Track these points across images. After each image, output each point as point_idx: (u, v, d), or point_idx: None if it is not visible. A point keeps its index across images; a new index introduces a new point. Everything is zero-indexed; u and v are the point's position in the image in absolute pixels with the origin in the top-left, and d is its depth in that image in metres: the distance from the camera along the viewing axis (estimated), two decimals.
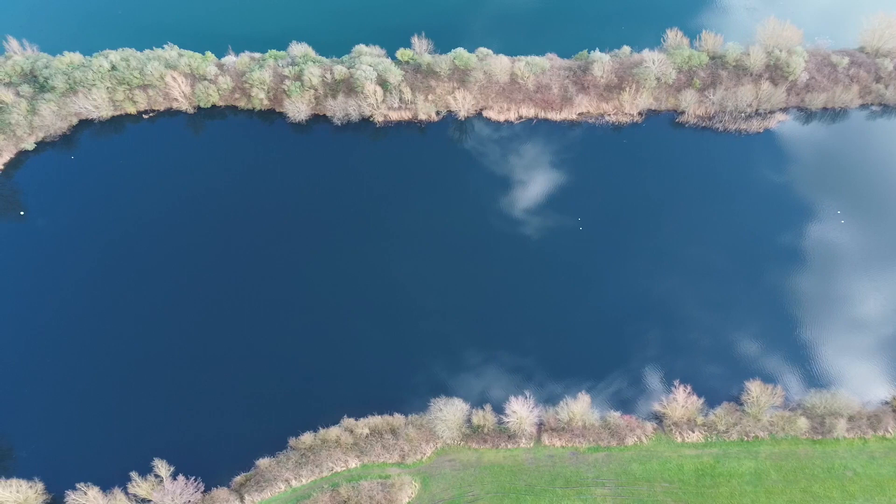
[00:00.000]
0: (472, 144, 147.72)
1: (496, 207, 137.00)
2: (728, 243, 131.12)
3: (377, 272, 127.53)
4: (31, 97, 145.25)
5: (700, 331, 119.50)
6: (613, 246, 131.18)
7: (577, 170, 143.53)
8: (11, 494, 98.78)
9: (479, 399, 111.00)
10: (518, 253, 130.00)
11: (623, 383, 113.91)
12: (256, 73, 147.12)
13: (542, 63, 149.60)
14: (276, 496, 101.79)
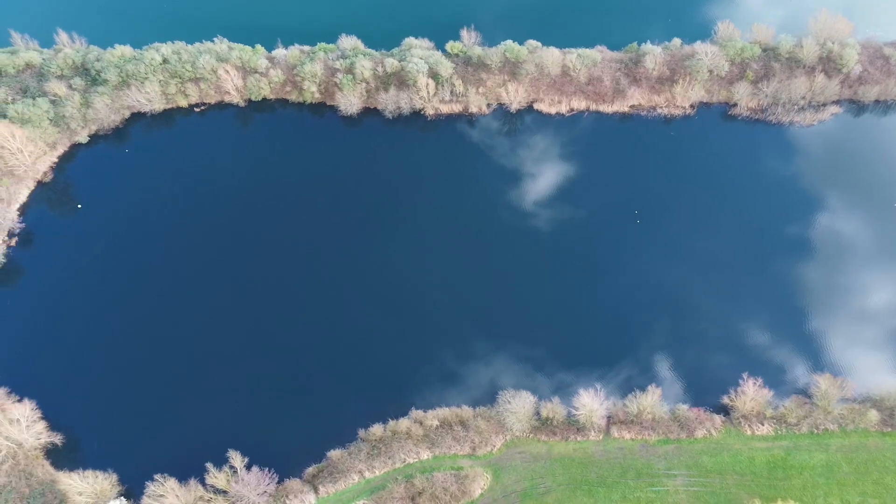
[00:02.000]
0: (524, 137, 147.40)
1: (547, 199, 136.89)
2: (786, 236, 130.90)
3: (431, 266, 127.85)
4: (83, 90, 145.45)
5: (764, 324, 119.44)
6: (665, 239, 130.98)
7: (630, 162, 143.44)
8: (88, 486, 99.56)
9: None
10: (575, 244, 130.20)
11: (684, 376, 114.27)
12: (308, 66, 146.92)
13: (594, 55, 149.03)
14: (350, 487, 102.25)
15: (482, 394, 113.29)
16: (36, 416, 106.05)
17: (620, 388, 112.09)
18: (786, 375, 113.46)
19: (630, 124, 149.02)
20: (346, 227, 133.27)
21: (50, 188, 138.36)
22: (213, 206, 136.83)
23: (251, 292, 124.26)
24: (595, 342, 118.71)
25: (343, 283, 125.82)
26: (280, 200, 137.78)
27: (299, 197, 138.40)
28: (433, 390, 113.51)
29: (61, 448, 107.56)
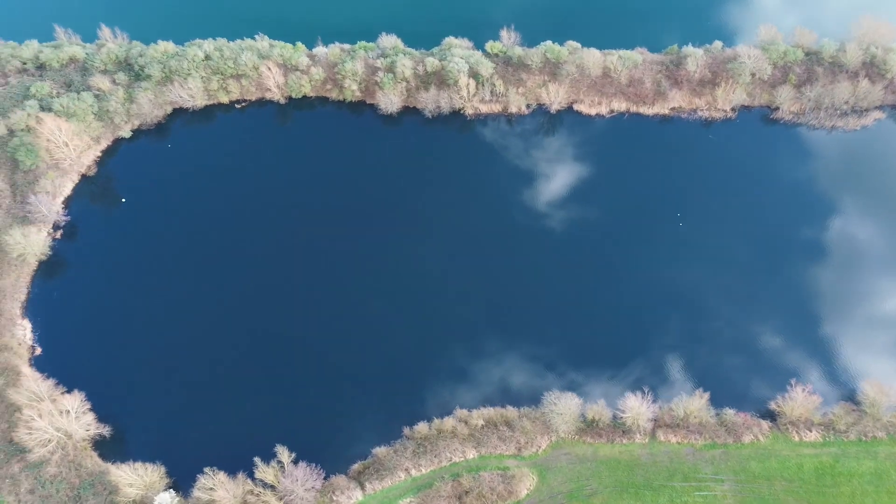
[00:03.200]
0: (563, 138, 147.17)
1: (583, 199, 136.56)
2: (829, 241, 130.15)
3: (469, 266, 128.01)
4: (126, 85, 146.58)
5: (808, 330, 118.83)
6: (703, 242, 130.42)
7: (667, 165, 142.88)
8: (137, 477, 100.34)
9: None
10: (614, 244, 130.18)
11: (726, 380, 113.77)
12: (349, 64, 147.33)
13: (635, 57, 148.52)
14: (397, 485, 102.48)
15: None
16: (84, 407, 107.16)
17: (664, 390, 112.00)
18: (829, 381, 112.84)
19: (670, 127, 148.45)
20: (387, 224, 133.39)
21: (94, 182, 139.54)
22: (252, 202, 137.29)
23: (294, 288, 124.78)
24: (636, 344, 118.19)
25: (384, 280, 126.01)
26: (318, 198, 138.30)
27: (337, 194, 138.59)
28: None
29: (109, 440, 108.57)
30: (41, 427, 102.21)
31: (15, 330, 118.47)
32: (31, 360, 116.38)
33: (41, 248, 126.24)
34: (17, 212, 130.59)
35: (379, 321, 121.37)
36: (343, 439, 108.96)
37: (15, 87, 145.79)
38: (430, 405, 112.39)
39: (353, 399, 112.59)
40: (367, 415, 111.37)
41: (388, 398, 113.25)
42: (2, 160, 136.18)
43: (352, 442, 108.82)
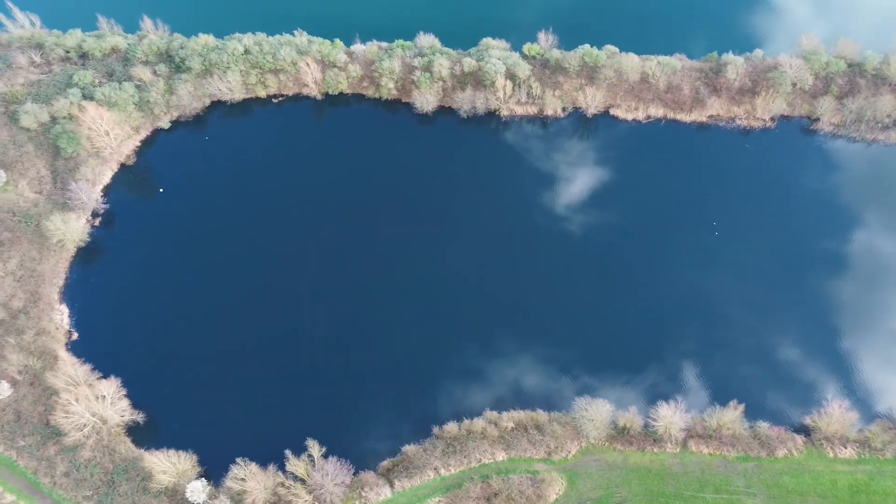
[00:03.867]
0: (599, 142, 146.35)
1: (619, 203, 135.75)
2: (864, 256, 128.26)
3: (501, 266, 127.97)
4: (167, 77, 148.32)
5: (841, 345, 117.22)
6: (742, 251, 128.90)
7: (700, 172, 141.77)
8: (171, 465, 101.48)
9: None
10: (643, 250, 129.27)
11: (756, 392, 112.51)
12: (386, 62, 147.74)
13: (674, 63, 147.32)
14: (426, 484, 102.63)
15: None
16: (120, 393, 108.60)
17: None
18: (865, 398, 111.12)
19: (707, 134, 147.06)
20: (418, 223, 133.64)
21: (132, 171, 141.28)
22: (286, 196, 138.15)
23: (326, 283, 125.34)
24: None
25: (412, 278, 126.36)
26: (351, 194, 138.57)
27: (369, 191, 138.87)
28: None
29: (142, 426, 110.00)
30: (78, 411, 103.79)
31: (53, 314, 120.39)
32: (67, 345, 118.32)
33: (80, 234, 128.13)
34: (58, 198, 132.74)
35: (407, 319, 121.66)
36: (372, 436, 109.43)
37: (58, 75, 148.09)
38: (452, 405, 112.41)
39: (382, 396, 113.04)
40: (396, 412, 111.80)
41: (417, 396, 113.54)
42: (44, 147, 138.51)
43: (381, 439, 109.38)
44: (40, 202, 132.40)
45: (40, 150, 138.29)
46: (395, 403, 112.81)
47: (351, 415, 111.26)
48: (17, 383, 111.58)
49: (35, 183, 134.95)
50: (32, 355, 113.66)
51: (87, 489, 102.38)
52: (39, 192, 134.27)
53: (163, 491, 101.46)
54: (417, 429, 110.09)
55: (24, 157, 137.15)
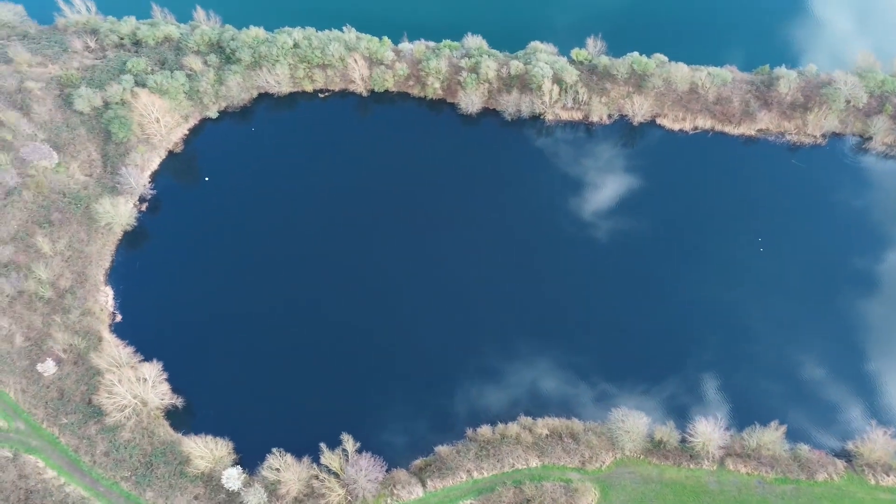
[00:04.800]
0: (643, 150, 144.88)
1: (660, 211, 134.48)
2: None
3: (534, 270, 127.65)
4: (217, 67, 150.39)
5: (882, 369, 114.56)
6: (779, 268, 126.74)
7: (746, 186, 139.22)
8: (207, 451, 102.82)
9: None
10: (681, 262, 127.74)
11: (794, 413, 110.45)
12: (433, 62, 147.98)
13: (724, 74, 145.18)
14: (458, 485, 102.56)
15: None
16: (161, 377, 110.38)
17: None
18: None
19: (754, 148, 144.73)
20: (457, 223, 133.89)
21: (180, 158, 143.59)
22: (328, 190, 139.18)
23: (366, 279, 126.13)
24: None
25: (448, 279, 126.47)
26: (391, 191, 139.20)
27: (410, 189, 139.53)
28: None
29: (180, 411, 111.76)
30: (120, 393, 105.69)
31: (98, 296, 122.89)
32: (111, 326, 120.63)
33: (127, 218, 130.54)
34: (107, 182, 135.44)
35: (440, 319, 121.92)
36: (405, 434, 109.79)
37: (112, 61, 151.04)
38: (474, 405, 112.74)
39: (415, 395, 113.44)
40: (428, 412, 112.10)
41: (447, 397, 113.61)
42: (96, 131, 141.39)
43: (414, 437, 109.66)
44: (90, 185, 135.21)
45: (92, 133, 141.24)
46: (427, 403, 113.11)
47: (385, 411, 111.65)
48: (62, 362, 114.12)
49: (86, 166, 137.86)
50: (77, 335, 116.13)
51: (126, 470, 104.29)
52: (90, 175, 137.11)
53: (199, 476, 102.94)
54: (448, 429, 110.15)
55: (77, 140, 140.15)
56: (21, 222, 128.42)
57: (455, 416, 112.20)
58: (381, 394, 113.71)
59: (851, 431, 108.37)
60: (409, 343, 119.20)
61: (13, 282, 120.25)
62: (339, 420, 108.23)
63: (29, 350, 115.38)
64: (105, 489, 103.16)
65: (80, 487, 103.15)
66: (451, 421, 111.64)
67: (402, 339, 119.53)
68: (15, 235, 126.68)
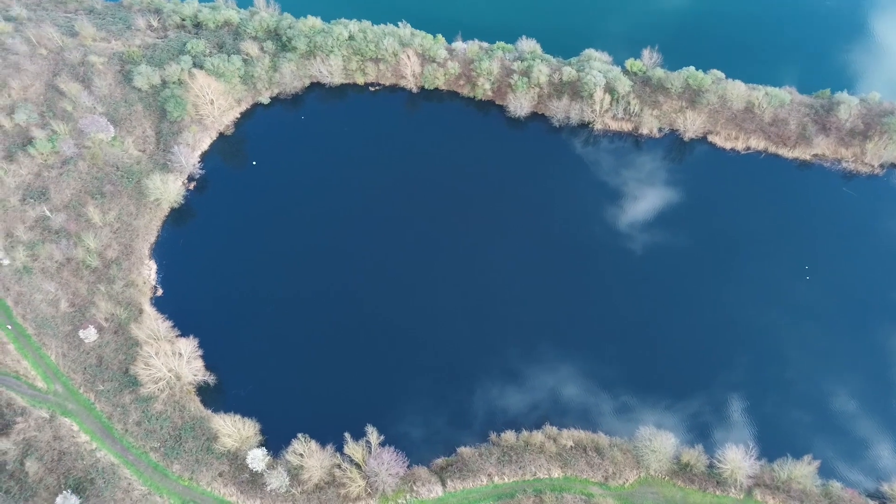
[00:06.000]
0: (691, 166, 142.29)
1: (699, 228, 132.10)
2: None
3: (568, 277, 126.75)
4: (273, 54, 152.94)
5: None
6: (822, 295, 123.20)
7: (792, 210, 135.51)
8: (235, 430, 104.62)
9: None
10: (712, 280, 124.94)
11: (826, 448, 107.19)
12: (485, 63, 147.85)
13: (783, 96, 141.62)
14: (478, 488, 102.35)
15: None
16: (196, 353, 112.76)
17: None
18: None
19: (808, 173, 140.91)
20: (495, 224, 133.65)
21: (229, 141, 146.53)
22: (370, 183, 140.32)
23: (402, 274, 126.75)
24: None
25: (484, 281, 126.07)
26: (433, 187, 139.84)
27: (452, 187, 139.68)
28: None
29: (211, 388, 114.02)
30: (156, 365, 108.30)
31: (142, 269, 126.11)
32: (152, 300, 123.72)
33: (175, 196, 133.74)
34: (159, 159, 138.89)
35: (472, 320, 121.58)
36: (429, 431, 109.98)
37: (172, 41, 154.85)
38: (496, 408, 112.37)
39: (442, 392, 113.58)
40: (452, 409, 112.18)
41: (474, 399, 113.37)
42: (152, 108, 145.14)
43: (436, 434, 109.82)
44: (143, 160, 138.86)
45: (148, 110, 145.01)
46: (451, 400, 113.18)
47: (409, 405, 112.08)
48: (103, 330, 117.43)
49: (140, 142, 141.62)
50: (120, 305, 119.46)
51: (156, 440, 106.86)
52: (143, 151, 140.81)
53: (225, 454, 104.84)
54: (468, 427, 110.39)
55: (133, 115, 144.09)
56: (75, 191, 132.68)
57: (476, 415, 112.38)
58: (407, 387, 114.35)
59: (885, 471, 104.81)
60: (438, 339, 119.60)
61: (63, 248, 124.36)
62: (365, 411, 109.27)
63: (72, 316, 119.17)
64: (134, 458, 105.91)
65: (111, 454, 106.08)
66: (472, 419, 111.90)
67: (431, 334, 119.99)
68: (68, 204, 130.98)
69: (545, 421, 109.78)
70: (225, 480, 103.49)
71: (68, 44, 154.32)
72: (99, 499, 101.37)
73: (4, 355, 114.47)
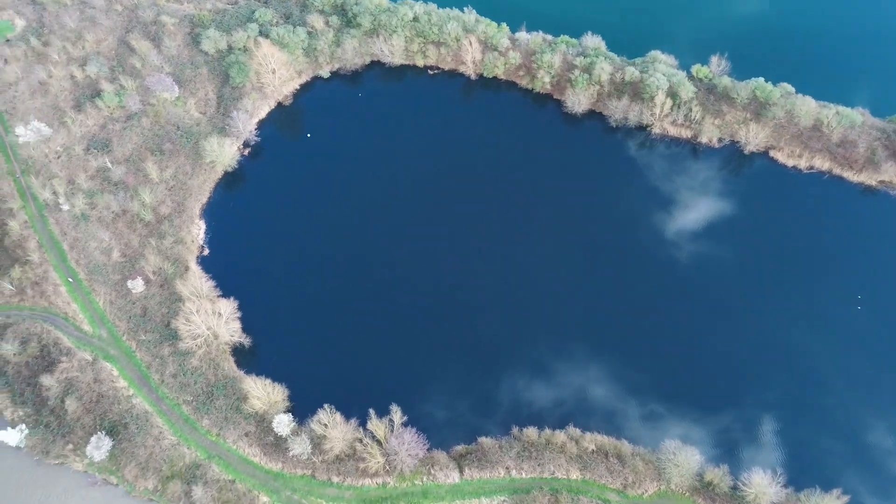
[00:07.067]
0: (749, 181, 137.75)
1: (746, 244, 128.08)
2: None
3: (607, 279, 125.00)
4: (337, 29, 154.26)
5: None
6: (868, 324, 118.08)
7: (848, 236, 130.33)
8: (265, 393, 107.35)
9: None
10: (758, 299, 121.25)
11: None
12: (547, 55, 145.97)
13: (854, 116, 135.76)
14: (495, 479, 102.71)
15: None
16: (234, 314, 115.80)
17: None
18: None
19: (872, 199, 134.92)
20: (538, 217, 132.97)
21: (287, 111, 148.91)
22: (419, 165, 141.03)
23: (440, 258, 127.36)
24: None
25: (521, 274, 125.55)
26: (481, 176, 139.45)
27: (500, 177, 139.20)
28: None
29: (246, 350, 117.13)
30: (196, 322, 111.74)
31: (192, 227, 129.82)
32: (198, 258, 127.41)
33: (230, 159, 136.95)
34: (218, 122, 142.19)
35: (503, 312, 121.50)
36: (451, 417, 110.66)
37: (242, 8, 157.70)
38: (520, 402, 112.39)
39: (468, 378, 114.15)
40: (476, 396, 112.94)
41: (498, 385, 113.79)
42: (216, 72, 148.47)
43: (458, 420, 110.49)
44: (202, 122, 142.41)
45: (213, 74, 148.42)
46: (476, 387, 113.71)
47: (436, 389, 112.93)
48: (150, 282, 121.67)
49: (201, 104, 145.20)
50: (167, 260, 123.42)
51: (189, 394, 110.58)
52: (203, 113, 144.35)
53: (252, 415, 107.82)
54: (491, 416, 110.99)
55: (198, 78, 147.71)
56: (136, 146, 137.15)
57: (501, 404, 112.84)
58: (435, 370, 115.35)
59: None
60: (471, 325, 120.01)
61: (120, 200, 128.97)
62: (391, 389, 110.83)
63: (123, 266, 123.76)
64: (167, 408, 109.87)
65: (146, 402, 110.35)
66: (495, 409, 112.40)
67: (465, 319, 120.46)
68: (129, 157, 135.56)
69: (569, 419, 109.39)
70: (250, 440, 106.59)
71: (142, 2, 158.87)
72: (131, 443, 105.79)
73: (56, 297, 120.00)
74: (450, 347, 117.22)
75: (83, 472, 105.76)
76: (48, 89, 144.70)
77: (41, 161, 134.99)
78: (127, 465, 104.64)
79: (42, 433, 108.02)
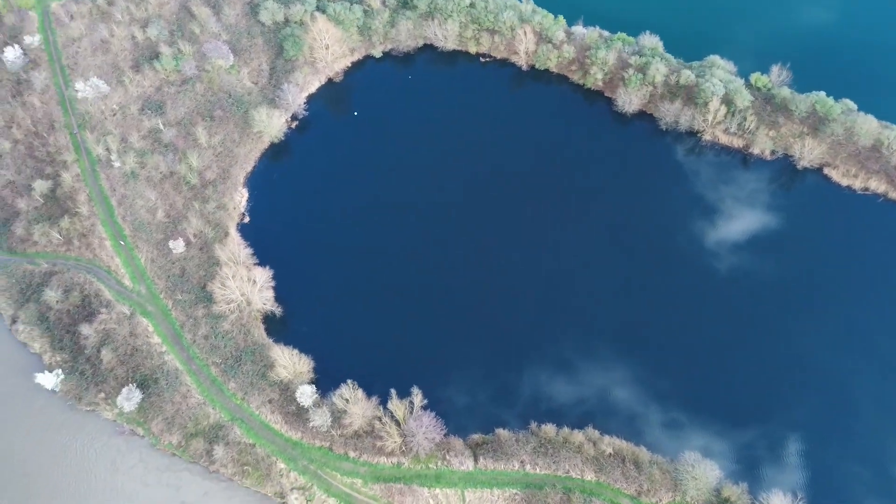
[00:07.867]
0: (799, 197, 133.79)
1: (788, 261, 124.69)
2: None
3: (640, 284, 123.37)
4: (393, 9, 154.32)
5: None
6: None
7: None
8: (291, 363, 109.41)
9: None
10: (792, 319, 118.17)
11: None
12: (602, 52, 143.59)
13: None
14: (508, 472, 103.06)
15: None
16: (269, 283, 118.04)
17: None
18: None
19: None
20: (577, 214, 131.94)
21: (336, 88, 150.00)
22: (463, 153, 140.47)
23: (476, 247, 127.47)
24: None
25: (555, 270, 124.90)
26: (525, 168, 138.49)
27: (543, 171, 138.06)
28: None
29: (276, 319, 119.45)
30: (231, 287, 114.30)
31: (235, 195, 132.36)
32: (238, 225, 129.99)
33: (277, 131, 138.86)
34: (269, 93, 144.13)
35: (535, 302, 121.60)
36: (471, 405, 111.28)
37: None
38: (541, 398, 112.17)
39: (491, 367, 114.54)
40: (497, 386, 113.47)
41: (521, 377, 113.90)
42: (271, 44, 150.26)
43: (478, 411, 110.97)
44: (254, 92, 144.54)
45: (268, 45, 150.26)
46: (498, 376, 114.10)
47: (457, 376, 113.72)
48: (190, 244, 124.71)
49: (254, 74, 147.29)
50: (209, 224, 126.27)
51: (218, 357, 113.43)
52: (255, 83, 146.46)
53: (277, 383, 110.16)
54: (510, 407, 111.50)
55: (253, 48, 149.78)
56: (188, 110, 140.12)
57: (521, 396, 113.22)
58: (459, 356, 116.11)
59: None
60: (499, 315, 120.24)
61: (169, 161, 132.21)
62: (414, 371, 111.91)
63: (166, 226, 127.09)
64: (197, 368, 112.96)
65: (177, 360, 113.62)
66: (515, 401, 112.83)
67: (493, 308, 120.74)
68: (181, 121, 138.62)
69: (589, 419, 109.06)
70: (273, 408, 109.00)
71: None
72: (160, 398, 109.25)
73: (101, 250, 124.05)
74: (476, 335, 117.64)
75: (112, 421, 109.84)
76: (109, 48, 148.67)
77: (97, 117, 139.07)
78: (154, 418, 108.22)
79: (77, 380, 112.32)
